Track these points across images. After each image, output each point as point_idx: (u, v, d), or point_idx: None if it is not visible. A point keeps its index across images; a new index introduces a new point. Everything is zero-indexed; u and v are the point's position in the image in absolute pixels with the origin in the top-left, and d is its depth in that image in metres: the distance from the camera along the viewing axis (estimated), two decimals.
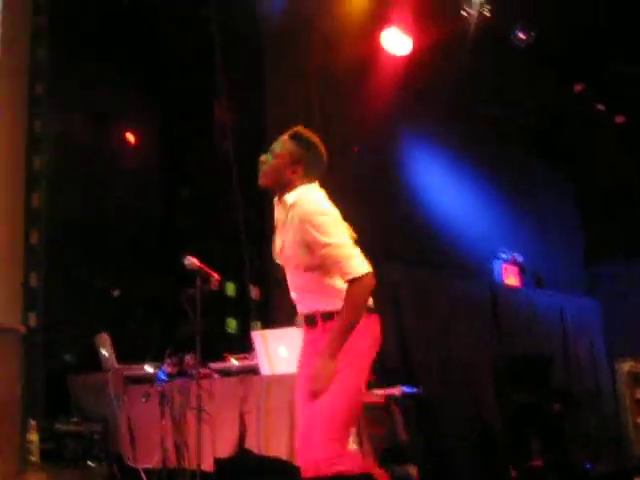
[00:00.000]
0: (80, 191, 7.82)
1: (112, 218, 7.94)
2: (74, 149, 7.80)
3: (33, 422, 5.98)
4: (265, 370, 5.84)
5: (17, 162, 7.59)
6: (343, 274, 3.84)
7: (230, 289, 7.80)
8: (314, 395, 3.84)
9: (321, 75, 7.70)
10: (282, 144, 4.12)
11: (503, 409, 7.31)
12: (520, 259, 8.71)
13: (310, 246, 3.91)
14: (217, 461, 5.85)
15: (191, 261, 5.43)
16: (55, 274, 7.39)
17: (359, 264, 3.83)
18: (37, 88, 7.73)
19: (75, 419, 6.46)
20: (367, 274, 3.82)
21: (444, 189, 8.00)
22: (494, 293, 8.02)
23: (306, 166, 4.08)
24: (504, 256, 8.56)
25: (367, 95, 7.61)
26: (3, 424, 5.60)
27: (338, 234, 3.88)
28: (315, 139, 4.14)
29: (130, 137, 8.41)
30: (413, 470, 5.67)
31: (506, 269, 8.57)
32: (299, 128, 4.19)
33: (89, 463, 6.20)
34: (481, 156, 8.20)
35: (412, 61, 7.67)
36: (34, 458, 6.03)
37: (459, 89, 7.47)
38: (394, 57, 7.72)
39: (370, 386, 5.83)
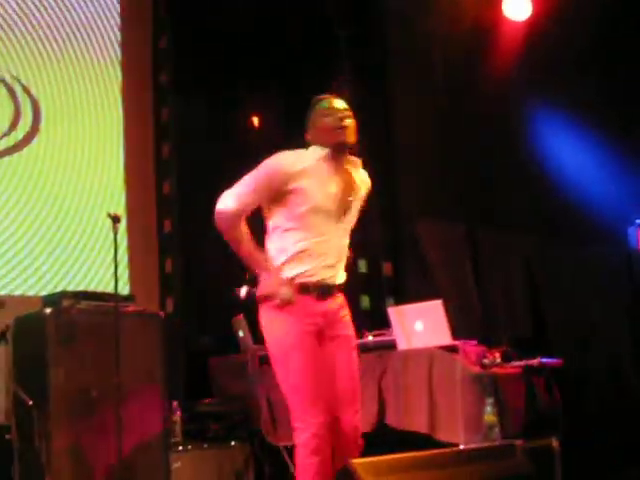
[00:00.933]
0: (210, 177, 7.91)
1: None
2: (200, 135, 7.89)
3: (176, 404, 6.10)
4: (402, 345, 5.84)
5: (146, 151, 7.77)
6: None
7: (362, 266, 7.82)
8: None
9: (444, 45, 7.64)
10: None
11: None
12: None
13: None
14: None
15: None
16: (189, 259, 7.54)
17: None
18: (162, 76, 7.89)
19: (216, 400, 6.58)
20: None
21: (572, 155, 7.82)
22: (631, 260, 7.82)
23: None
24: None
25: (490, 62, 7.52)
26: (147, 406, 5.72)
27: None
28: None
29: (255, 121, 8.47)
30: (555, 443, 5.58)
31: None
32: None
33: (231, 443, 6.29)
34: (609, 119, 7.97)
35: (533, 27, 7.53)
36: (178, 439, 6.15)
37: (584, 50, 7.28)
38: (515, 23, 7.61)
39: (508, 358, 5.79)
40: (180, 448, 6.03)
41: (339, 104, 4.23)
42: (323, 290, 4.05)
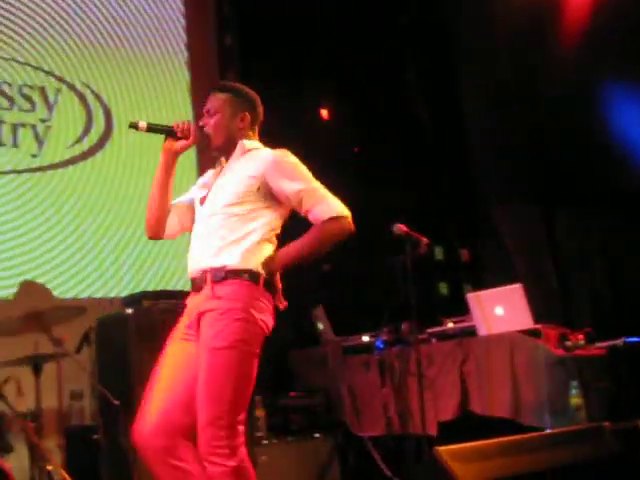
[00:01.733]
0: None
1: None
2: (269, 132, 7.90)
3: (259, 398, 6.12)
4: (483, 331, 5.81)
5: None
6: None
7: (439, 253, 7.79)
8: None
9: (509, 27, 7.58)
10: (216, 101, 3.89)
11: None
12: None
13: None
14: (440, 424, 5.86)
15: (399, 228, 5.45)
16: None
17: None
18: (229, 74, 7.94)
19: (298, 393, 6.60)
20: None
21: None
22: None
23: (251, 113, 3.90)
24: None
25: (556, 39, 7.45)
26: None
27: None
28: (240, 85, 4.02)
29: (323, 115, 8.48)
30: None
31: None
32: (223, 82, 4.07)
33: (315, 435, 6.31)
34: None
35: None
36: (262, 433, 6.18)
37: None
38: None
39: (591, 340, 5.72)
40: (264, 442, 6.06)
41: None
42: None
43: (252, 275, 3.60)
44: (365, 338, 6.40)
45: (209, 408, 3.49)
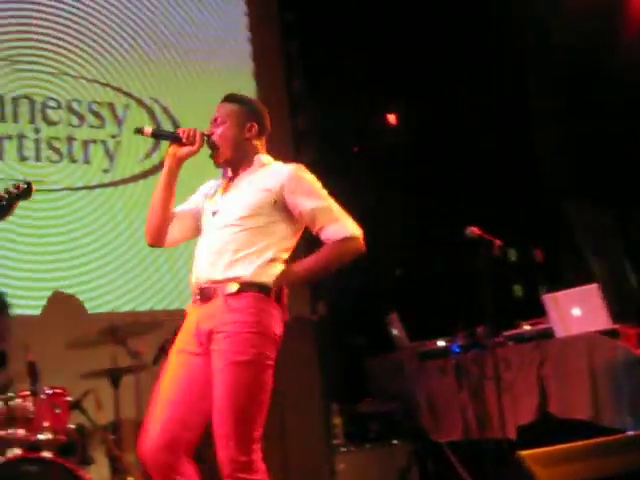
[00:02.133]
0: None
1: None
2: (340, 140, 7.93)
3: (336, 406, 6.13)
4: (560, 332, 5.74)
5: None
6: None
7: (512, 254, 7.70)
8: None
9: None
10: (224, 111, 3.92)
11: None
12: None
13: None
14: (519, 428, 5.80)
15: (472, 231, 5.42)
16: None
17: None
18: (295, 83, 7.97)
19: (375, 400, 6.59)
20: None
21: None
22: None
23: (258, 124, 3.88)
24: None
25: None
26: (307, 410, 5.77)
27: None
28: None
29: (392, 122, 8.47)
30: None
31: None
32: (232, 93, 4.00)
33: (393, 441, 6.29)
34: None
35: None
36: (339, 441, 6.18)
37: None
38: None
39: None
40: (342, 450, 6.06)
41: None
42: None
43: (264, 288, 3.60)
44: (441, 343, 6.37)
45: (232, 423, 3.46)
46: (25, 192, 3.88)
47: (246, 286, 3.57)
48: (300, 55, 8.04)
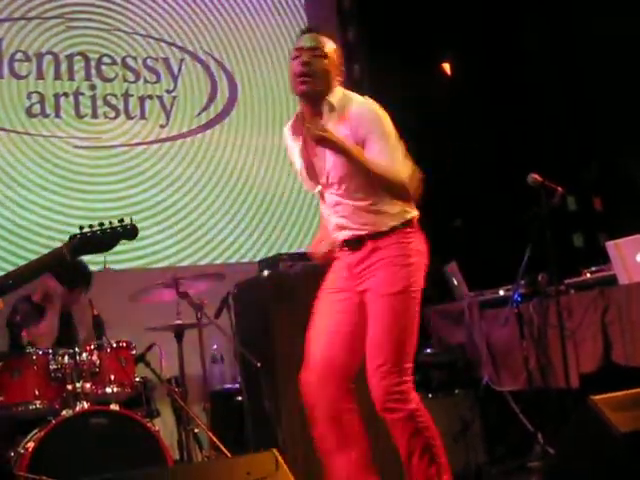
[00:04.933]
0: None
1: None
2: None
3: None
4: (623, 279, 5.66)
5: None
6: None
7: (571, 203, 7.62)
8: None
9: None
10: (324, 44, 3.81)
11: None
12: None
13: None
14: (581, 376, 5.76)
15: (534, 178, 5.35)
16: None
17: None
18: (349, 34, 7.92)
19: (437, 349, 6.57)
20: None
21: None
22: None
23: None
24: None
25: None
26: None
27: None
28: None
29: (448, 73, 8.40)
30: None
31: None
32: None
33: (455, 391, 6.27)
34: None
35: None
36: None
37: None
38: None
39: None
40: None
41: (303, 42, 3.83)
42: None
43: (405, 222, 3.72)
44: (502, 292, 6.32)
45: (385, 353, 3.60)
46: (130, 232, 3.96)
47: (390, 229, 3.76)
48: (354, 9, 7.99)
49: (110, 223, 4.01)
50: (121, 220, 4.04)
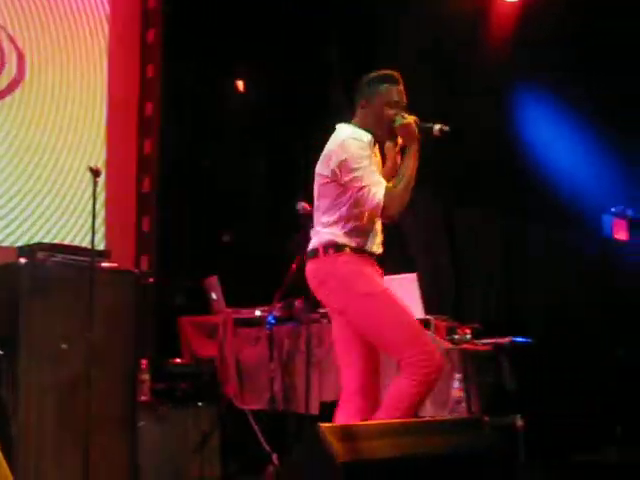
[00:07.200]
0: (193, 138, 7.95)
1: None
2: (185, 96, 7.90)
3: (145, 362, 6.08)
4: None
5: (129, 109, 7.74)
6: None
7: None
8: None
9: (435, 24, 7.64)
10: None
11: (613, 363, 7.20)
12: (630, 213, 8.49)
13: None
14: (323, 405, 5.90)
15: (303, 207, 5.44)
16: (166, 219, 7.53)
17: None
18: (149, 35, 7.86)
19: (186, 360, 6.57)
20: None
21: (558, 142, 7.83)
22: (604, 247, 7.87)
23: None
24: (614, 210, 8.35)
25: (481, 44, 7.55)
26: (129, 364, 5.70)
27: None
28: None
29: (240, 86, 8.46)
30: (519, 421, 5.62)
31: (616, 223, 8.37)
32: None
33: (199, 404, 6.29)
34: (595, 109, 7.95)
35: (526, 8, 7.54)
36: (145, 397, 6.13)
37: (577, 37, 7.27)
38: (508, 4, 7.63)
39: (478, 335, 5.83)
40: (147, 406, 6.02)
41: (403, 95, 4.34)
42: None
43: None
44: (258, 312, 6.40)
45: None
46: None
47: None
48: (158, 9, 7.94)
49: None
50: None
